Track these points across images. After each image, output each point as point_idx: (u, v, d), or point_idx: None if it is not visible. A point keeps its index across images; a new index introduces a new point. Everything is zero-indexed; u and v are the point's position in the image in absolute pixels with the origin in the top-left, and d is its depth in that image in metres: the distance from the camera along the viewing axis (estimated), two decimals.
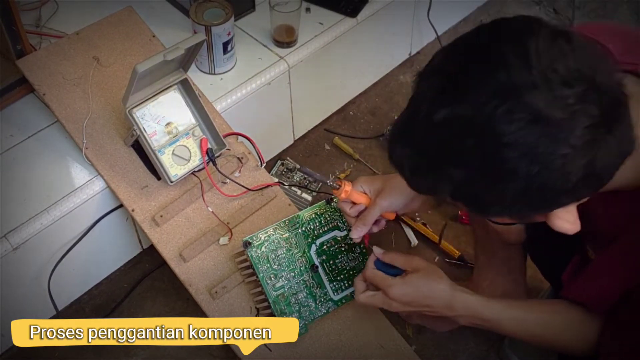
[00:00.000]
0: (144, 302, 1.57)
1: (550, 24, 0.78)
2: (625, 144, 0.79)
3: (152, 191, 1.39)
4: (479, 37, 0.80)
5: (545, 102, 0.73)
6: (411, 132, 0.83)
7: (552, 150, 0.74)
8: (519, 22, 0.79)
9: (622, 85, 0.78)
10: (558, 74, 0.73)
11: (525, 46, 0.74)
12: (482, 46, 0.78)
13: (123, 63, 1.51)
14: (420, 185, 0.89)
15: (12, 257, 1.30)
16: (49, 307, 1.39)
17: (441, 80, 0.80)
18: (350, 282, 1.36)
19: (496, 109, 0.73)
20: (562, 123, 0.73)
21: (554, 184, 0.76)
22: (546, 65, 0.73)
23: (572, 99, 0.73)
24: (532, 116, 0.73)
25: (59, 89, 1.44)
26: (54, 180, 1.37)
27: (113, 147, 1.40)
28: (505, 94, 0.74)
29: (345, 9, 1.75)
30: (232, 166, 1.45)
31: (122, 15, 1.57)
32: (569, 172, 0.75)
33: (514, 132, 0.73)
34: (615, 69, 0.79)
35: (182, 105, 1.39)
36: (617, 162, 0.80)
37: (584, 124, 0.73)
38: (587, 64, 0.75)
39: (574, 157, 0.74)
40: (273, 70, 1.62)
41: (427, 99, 0.80)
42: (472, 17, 2.28)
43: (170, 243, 1.36)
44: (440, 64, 0.82)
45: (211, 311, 1.32)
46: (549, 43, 0.75)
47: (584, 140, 0.74)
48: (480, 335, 1.53)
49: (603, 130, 0.75)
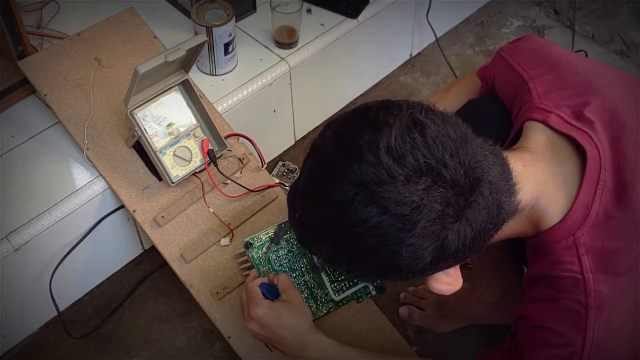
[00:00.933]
0: (146, 302, 1.58)
1: (411, 112, 0.84)
2: (484, 223, 0.84)
3: (154, 192, 1.39)
4: (346, 126, 0.87)
5: (392, 197, 0.79)
6: (295, 204, 0.93)
7: (400, 239, 0.81)
8: (380, 113, 0.85)
9: (477, 171, 0.83)
10: (404, 170, 0.79)
11: (377, 141, 0.81)
12: (346, 137, 0.85)
13: (124, 64, 1.51)
14: (307, 248, 1.01)
15: (13, 257, 1.30)
16: (50, 308, 1.39)
17: (315, 162, 0.88)
18: (351, 283, 1.36)
19: (353, 198, 0.81)
20: (406, 218, 0.80)
21: (407, 265, 0.83)
22: (394, 161, 0.80)
23: (416, 195, 0.79)
24: (381, 209, 0.80)
25: (60, 90, 1.44)
26: (55, 181, 1.38)
27: (114, 148, 1.41)
28: (359, 186, 0.80)
29: (346, 10, 1.75)
30: (233, 167, 1.45)
31: (124, 17, 1.57)
32: (418, 257, 0.82)
33: (366, 222, 0.81)
34: (473, 153, 0.83)
35: (184, 106, 1.39)
36: (480, 238, 0.86)
37: (428, 217, 0.80)
38: (436, 156, 0.81)
39: (420, 245, 0.81)
40: (274, 71, 1.62)
41: (304, 177, 0.90)
42: (473, 18, 2.29)
43: (172, 244, 1.36)
44: (318, 145, 0.89)
45: (212, 312, 1.32)
46: (402, 137, 0.81)
47: (428, 231, 0.80)
48: (480, 335, 1.53)
49: (450, 219, 0.81)
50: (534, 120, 1.00)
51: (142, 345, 1.51)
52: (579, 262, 0.92)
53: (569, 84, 1.03)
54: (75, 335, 1.46)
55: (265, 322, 1.14)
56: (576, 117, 0.98)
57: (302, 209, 0.91)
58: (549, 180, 0.95)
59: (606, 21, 2.25)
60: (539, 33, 2.27)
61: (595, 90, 1.01)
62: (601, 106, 0.99)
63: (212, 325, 1.32)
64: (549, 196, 0.94)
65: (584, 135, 0.96)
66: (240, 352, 1.30)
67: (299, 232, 0.96)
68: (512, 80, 1.10)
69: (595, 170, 0.94)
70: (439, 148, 0.81)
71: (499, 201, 0.85)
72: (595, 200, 0.93)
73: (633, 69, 2.15)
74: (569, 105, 1.00)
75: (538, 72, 1.06)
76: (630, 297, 0.93)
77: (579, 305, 0.92)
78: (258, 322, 1.15)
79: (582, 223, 0.93)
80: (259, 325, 1.15)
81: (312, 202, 0.88)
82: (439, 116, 0.85)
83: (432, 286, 0.93)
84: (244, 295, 1.20)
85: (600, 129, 0.97)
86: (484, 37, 2.26)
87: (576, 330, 0.92)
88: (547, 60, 1.09)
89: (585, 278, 0.92)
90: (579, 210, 0.93)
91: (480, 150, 0.85)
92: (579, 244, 0.93)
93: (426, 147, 0.80)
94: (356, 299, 1.36)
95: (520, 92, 1.07)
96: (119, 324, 1.54)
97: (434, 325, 1.54)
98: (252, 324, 1.15)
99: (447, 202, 0.80)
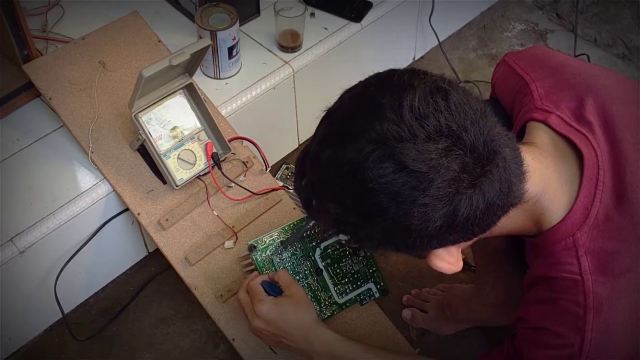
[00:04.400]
0: (150, 305, 1.58)
1: (435, 80, 0.85)
2: (495, 198, 0.84)
3: (158, 195, 1.40)
4: (368, 87, 0.88)
5: (411, 154, 0.79)
6: (305, 167, 0.92)
7: (413, 198, 0.80)
8: (405, 76, 0.86)
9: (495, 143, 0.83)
10: (425, 130, 0.80)
11: (401, 101, 0.81)
12: (367, 97, 0.86)
13: (129, 68, 1.52)
14: (311, 215, 0.97)
15: (18, 260, 1.31)
16: (55, 310, 1.40)
17: (330, 123, 0.89)
18: (354, 285, 1.36)
19: (369, 155, 0.81)
20: (423, 175, 0.79)
21: (416, 228, 0.83)
22: (416, 120, 0.80)
23: (434, 153, 0.79)
24: (398, 166, 0.80)
25: (65, 94, 1.45)
26: (60, 185, 1.38)
27: (119, 152, 1.41)
28: (377, 143, 0.81)
29: (350, 14, 1.76)
30: (237, 170, 1.45)
31: (128, 21, 1.58)
32: (429, 219, 0.82)
33: (381, 178, 0.80)
34: (491, 127, 0.84)
35: (188, 109, 1.40)
36: (489, 214, 0.86)
37: (444, 178, 0.80)
38: (457, 121, 0.81)
39: (433, 206, 0.81)
40: (278, 75, 1.63)
41: (318, 138, 0.89)
42: (475, 22, 2.29)
43: (176, 246, 1.37)
44: (334, 108, 0.90)
45: (216, 314, 1.32)
46: (426, 99, 0.81)
47: (443, 192, 0.80)
48: (483, 338, 1.53)
49: (465, 184, 0.81)
50: (534, 120, 1.01)
51: (147, 347, 1.52)
52: (578, 263, 0.93)
53: (570, 86, 1.04)
54: (79, 337, 1.47)
55: (271, 319, 1.16)
56: (576, 118, 0.99)
57: (312, 171, 0.90)
58: (554, 177, 0.95)
59: (608, 25, 2.26)
60: (542, 37, 2.27)
61: (596, 93, 1.01)
62: (601, 108, 1.00)
63: (216, 327, 1.33)
64: (552, 193, 0.94)
65: (582, 137, 0.97)
66: (244, 355, 1.31)
67: (305, 197, 0.95)
68: (514, 83, 1.11)
69: (594, 171, 0.95)
70: (460, 114, 0.81)
71: (510, 181, 0.86)
72: (594, 201, 0.94)
73: (635, 72, 2.15)
74: (569, 107, 1.01)
75: (540, 75, 1.07)
76: (629, 298, 0.93)
77: (577, 307, 0.92)
78: (264, 319, 1.16)
79: (582, 224, 0.94)
80: (265, 322, 1.17)
81: (324, 162, 0.87)
82: (462, 89, 0.86)
83: (434, 263, 0.93)
84: (245, 295, 1.21)
85: (599, 131, 0.98)
86: (486, 40, 2.26)
87: (575, 331, 0.92)
88: (548, 64, 1.10)
89: (584, 279, 0.92)
90: (579, 211, 0.94)
91: (497, 128, 0.86)
92: (578, 244, 0.93)
93: (448, 111, 0.81)
94: (359, 301, 1.36)
95: (520, 94, 1.08)
96: (123, 327, 1.55)
97: (436, 327, 1.54)
98: (258, 321, 1.17)
99: (464, 165, 0.80)
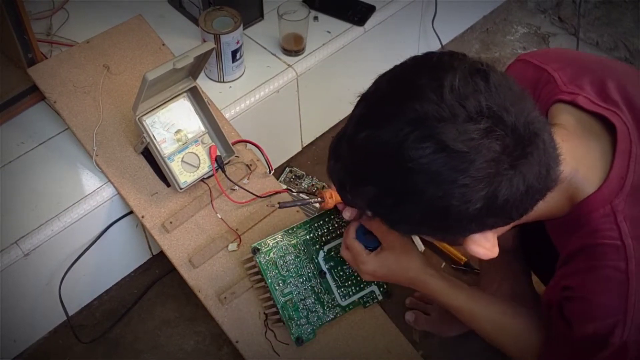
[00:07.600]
0: (154, 307, 1.58)
1: (474, 62, 0.85)
2: (535, 181, 0.84)
3: (162, 198, 1.40)
4: (405, 69, 0.89)
5: (451, 134, 0.79)
6: (340, 149, 0.92)
7: (453, 178, 0.80)
8: (444, 57, 0.86)
9: (535, 125, 0.83)
10: (465, 110, 0.79)
11: (441, 81, 0.81)
12: (405, 78, 0.87)
13: (133, 71, 1.52)
14: (344, 198, 0.97)
15: (23, 263, 1.31)
16: (59, 313, 1.40)
17: (367, 105, 0.90)
18: (357, 288, 1.37)
19: (407, 136, 0.80)
20: (463, 155, 0.79)
21: (455, 210, 0.82)
22: (457, 100, 0.79)
23: (475, 134, 0.79)
24: (438, 146, 0.79)
25: (69, 97, 1.45)
26: (65, 187, 1.39)
27: (123, 154, 1.42)
28: (417, 123, 0.80)
29: (353, 17, 1.76)
30: (240, 173, 1.46)
31: (132, 24, 1.59)
32: (469, 200, 0.81)
33: (420, 158, 0.80)
34: (531, 110, 0.84)
35: (192, 112, 1.40)
36: (527, 197, 0.85)
37: (485, 158, 0.79)
38: (498, 102, 0.81)
39: (473, 187, 0.80)
40: (281, 78, 1.63)
41: (354, 121, 0.90)
42: (478, 26, 2.29)
43: (180, 249, 1.37)
44: (371, 90, 0.91)
45: (220, 317, 1.33)
46: (465, 80, 0.81)
47: (483, 173, 0.80)
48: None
49: (505, 165, 0.81)
50: (562, 102, 1.03)
51: (151, 349, 1.52)
52: (618, 229, 0.94)
53: (590, 70, 1.06)
54: (84, 339, 1.47)
55: (378, 275, 1.23)
56: (602, 98, 1.02)
57: (348, 153, 0.90)
58: (584, 156, 0.97)
59: (610, 28, 2.26)
60: (544, 40, 2.28)
61: (616, 75, 1.05)
62: (623, 89, 1.02)
63: (220, 329, 1.33)
64: (585, 171, 0.96)
65: (612, 113, 0.99)
66: (247, 356, 1.31)
67: (340, 179, 0.94)
68: (532, 76, 1.12)
69: (627, 144, 0.97)
70: (500, 95, 0.81)
71: (548, 164, 0.86)
72: (629, 171, 0.95)
73: None
74: (593, 89, 1.03)
75: (560, 65, 1.09)
76: None
77: (619, 272, 0.93)
78: (371, 276, 1.23)
79: (619, 192, 0.95)
80: (373, 277, 1.24)
81: (360, 144, 0.87)
82: (500, 71, 0.86)
83: (471, 248, 0.93)
84: (347, 253, 1.25)
85: (625, 109, 1.00)
86: (489, 44, 2.26)
87: (618, 299, 0.93)
88: (565, 57, 1.14)
89: (625, 244, 0.93)
90: (615, 179, 0.95)
91: (535, 111, 0.86)
92: (617, 210, 0.94)
93: (488, 92, 0.81)
94: (363, 304, 1.37)
95: (541, 83, 1.10)
96: (127, 329, 1.55)
97: (440, 329, 1.54)
98: (367, 277, 1.24)
99: (504, 146, 0.80)
